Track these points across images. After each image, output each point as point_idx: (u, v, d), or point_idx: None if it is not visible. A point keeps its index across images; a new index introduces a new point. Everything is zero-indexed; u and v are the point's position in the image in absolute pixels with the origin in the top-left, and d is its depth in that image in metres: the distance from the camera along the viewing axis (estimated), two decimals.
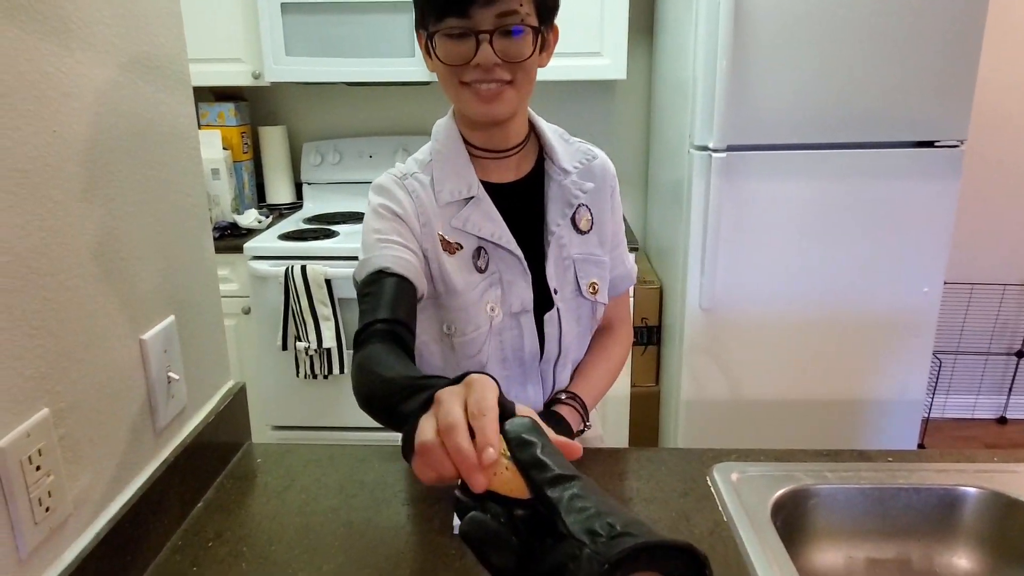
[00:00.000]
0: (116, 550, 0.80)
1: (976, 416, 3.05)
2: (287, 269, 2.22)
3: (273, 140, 2.74)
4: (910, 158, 2.05)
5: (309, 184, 2.79)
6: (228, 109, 2.62)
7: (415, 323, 0.92)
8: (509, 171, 1.05)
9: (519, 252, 1.03)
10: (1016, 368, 2.97)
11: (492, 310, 1.02)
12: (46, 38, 0.70)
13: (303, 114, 2.86)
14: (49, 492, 0.70)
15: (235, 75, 2.47)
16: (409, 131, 2.83)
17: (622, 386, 2.48)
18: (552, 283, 1.06)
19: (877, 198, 2.07)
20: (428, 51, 0.96)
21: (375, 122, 2.86)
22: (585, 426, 1.09)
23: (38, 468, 0.69)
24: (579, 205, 1.07)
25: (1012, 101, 2.72)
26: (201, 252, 1.04)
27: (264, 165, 2.78)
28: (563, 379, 1.12)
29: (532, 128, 1.07)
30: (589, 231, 1.08)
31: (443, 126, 1.05)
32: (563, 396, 1.09)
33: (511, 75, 0.93)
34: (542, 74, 1.00)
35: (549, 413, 1.06)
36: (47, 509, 0.70)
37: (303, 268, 2.21)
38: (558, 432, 0.67)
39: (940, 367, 2.85)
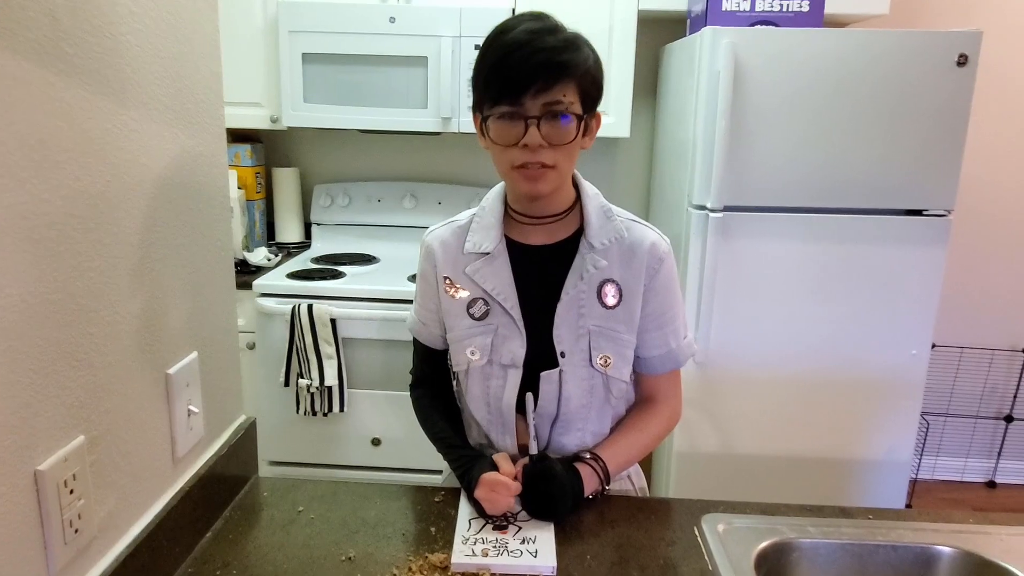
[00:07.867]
0: (133, 574, 0.84)
1: (966, 479, 3.08)
2: (294, 307, 2.28)
3: (286, 181, 2.83)
4: (899, 225, 2.13)
5: (318, 225, 2.87)
6: (245, 150, 2.71)
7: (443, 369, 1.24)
8: (546, 235, 1.13)
9: (516, 312, 1.10)
10: (1005, 433, 3.01)
11: (472, 353, 1.12)
12: (108, 98, 0.78)
13: (316, 157, 2.96)
14: (79, 515, 0.75)
15: (254, 119, 2.57)
16: (417, 178, 2.93)
17: None
18: (560, 346, 1.10)
19: (867, 262, 2.15)
20: (482, 132, 1.05)
21: (385, 168, 2.95)
22: (604, 489, 1.12)
23: (72, 492, 0.74)
24: (606, 280, 1.11)
25: (1001, 170, 2.83)
26: (224, 293, 1.11)
27: (276, 205, 2.86)
28: (564, 444, 1.14)
29: (579, 199, 1.15)
30: (615, 307, 1.11)
31: (494, 190, 1.17)
32: (587, 456, 1.12)
33: (554, 159, 1.02)
34: None
35: (568, 465, 1.09)
36: (76, 531, 0.75)
37: (309, 307, 2.27)
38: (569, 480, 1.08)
39: (928, 429, 2.89)
